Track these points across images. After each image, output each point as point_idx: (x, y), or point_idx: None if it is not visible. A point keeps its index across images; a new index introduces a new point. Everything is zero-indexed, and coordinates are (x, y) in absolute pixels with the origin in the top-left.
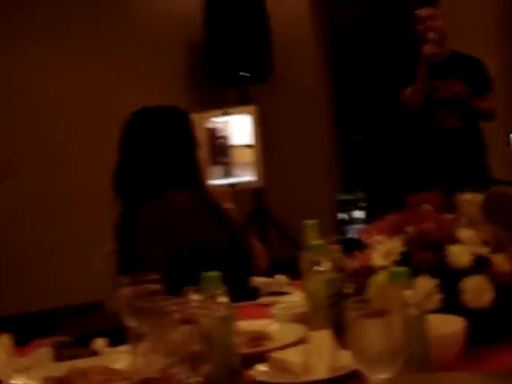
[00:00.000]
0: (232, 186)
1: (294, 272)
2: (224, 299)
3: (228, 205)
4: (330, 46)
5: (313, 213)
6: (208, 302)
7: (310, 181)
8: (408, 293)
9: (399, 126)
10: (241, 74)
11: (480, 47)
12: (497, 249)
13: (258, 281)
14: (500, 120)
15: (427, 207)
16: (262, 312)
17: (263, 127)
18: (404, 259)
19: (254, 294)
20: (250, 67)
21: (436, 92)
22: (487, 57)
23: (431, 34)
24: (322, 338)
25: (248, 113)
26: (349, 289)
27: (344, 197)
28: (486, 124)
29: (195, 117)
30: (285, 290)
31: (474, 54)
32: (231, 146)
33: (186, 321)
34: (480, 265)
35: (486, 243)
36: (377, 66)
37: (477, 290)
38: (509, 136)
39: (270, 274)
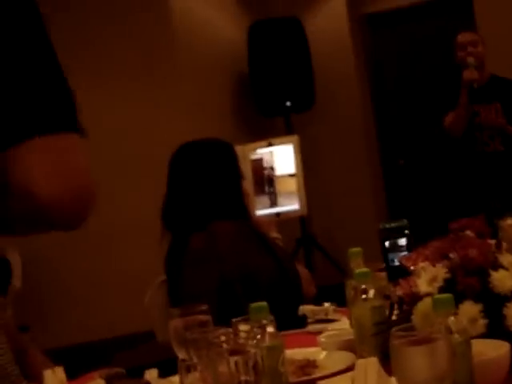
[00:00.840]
0: (277, 215)
1: (341, 298)
2: (272, 329)
3: (274, 234)
4: (372, 72)
5: (357, 239)
6: (256, 332)
7: (354, 208)
8: (452, 319)
9: (442, 151)
10: (286, 103)
11: None
12: None
13: (306, 309)
14: None
15: (470, 233)
16: (310, 340)
17: (307, 156)
18: (448, 286)
19: (302, 322)
20: (293, 97)
21: (477, 117)
22: None
23: (471, 60)
24: (369, 365)
25: (291, 142)
26: (394, 316)
27: (388, 224)
28: None
29: (239, 149)
30: (332, 317)
31: None
32: (275, 176)
33: (235, 352)
34: None
35: None
36: (419, 91)
37: None
38: None
39: (317, 301)
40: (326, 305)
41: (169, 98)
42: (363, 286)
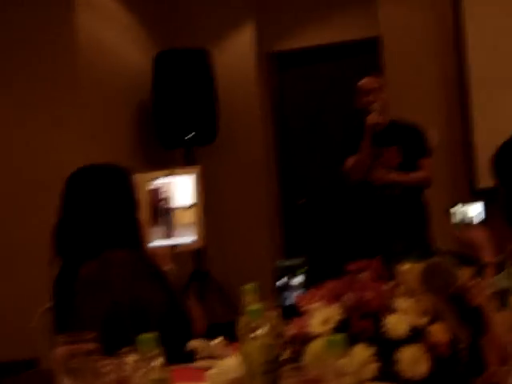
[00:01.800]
0: (173, 247)
1: (232, 335)
2: (159, 361)
3: (168, 266)
4: (277, 110)
5: (253, 276)
6: (143, 363)
7: (251, 244)
8: (344, 361)
9: (342, 192)
10: (187, 135)
11: (423, 117)
12: (434, 319)
13: (196, 344)
14: (442, 190)
15: (366, 275)
16: (198, 376)
17: (207, 188)
18: (342, 327)
19: (191, 357)
20: (196, 128)
21: (377, 160)
22: (430, 127)
23: (375, 105)
24: None
25: (191, 173)
26: (285, 355)
27: (284, 262)
28: (430, 192)
29: (139, 177)
30: (222, 353)
31: (416, 122)
32: (173, 207)
33: (121, 382)
34: (417, 335)
35: (423, 313)
36: (322, 132)
37: (413, 360)
38: (449, 208)
39: (208, 337)
40: (217, 340)
41: (71, 122)
42: (255, 324)
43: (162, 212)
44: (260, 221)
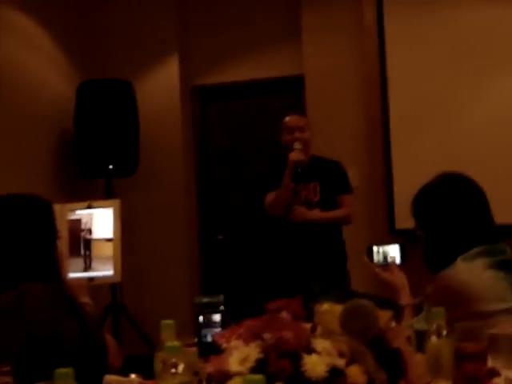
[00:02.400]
0: (90, 279)
1: (148, 371)
2: None
3: (84, 299)
4: (199, 144)
5: (169, 312)
6: None
7: (168, 279)
8: None
9: (261, 228)
10: (108, 166)
11: (345, 156)
12: (352, 360)
13: (110, 379)
14: (361, 228)
15: (285, 315)
16: None
17: (127, 221)
18: (260, 366)
19: None
20: (117, 160)
21: (298, 197)
22: (351, 166)
23: (298, 145)
24: None
25: (111, 206)
26: None
27: (203, 298)
28: (348, 230)
29: (58, 207)
30: None
31: (336, 159)
32: (92, 239)
33: None
34: (335, 376)
35: (341, 354)
36: (244, 167)
37: None
38: (368, 248)
39: (123, 372)
40: (132, 376)
41: None
42: (173, 360)
43: (81, 244)
44: (178, 256)
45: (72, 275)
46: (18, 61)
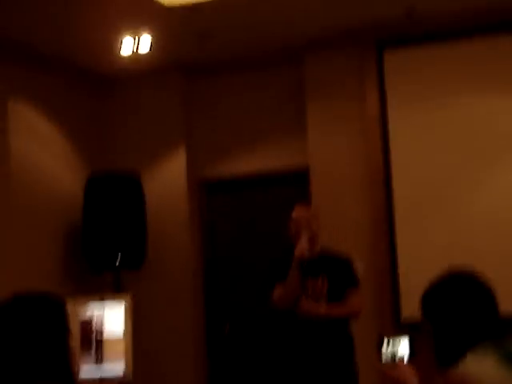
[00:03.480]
0: (101, 380)
1: None
2: None
3: None
4: (206, 237)
5: None
6: None
7: (176, 375)
8: None
9: (269, 321)
10: (116, 260)
11: (350, 247)
12: None
13: None
14: (367, 320)
15: None
16: None
17: (135, 315)
18: None
19: None
20: (124, 253)
21: (306, 290)
22: (356, 257)
23: (304, 236)
24: None
25: (121, 300)
26: None
27: None
28: (357, 325)
29: (70, 303)
30: None
31: (344, 252)
32: (104, 339)
33: None
34: None
35: None
36: (251, 260)
37: None
38: (380, 346)
39: None
40: None
41: (0, 244)
42: None
43: (92, 343)
44: (186, 351)
45: (84, 374)
46: (28, 155)
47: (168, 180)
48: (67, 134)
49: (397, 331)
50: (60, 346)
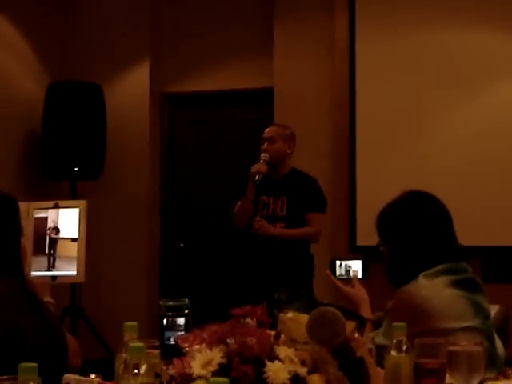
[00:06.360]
0: (53, 278)
1: (105, 373)
2: None
3: (47, 298)
4: (165, 150)
5: (127, 316)
6: None
7: (128, 283)
8: None
9: (225, 237)
10: (74, 168)
11: (311, 170)
12: (314, 369)
13: (69, 378)
14: (323, 243)
15: (250, 321)
16: None
17: (91, 223)
18: (222, 371)
19: None
20: (83, 162)
21: (266, 208)
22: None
23: (263, 155)
24: None
25: (77, 206)
26: None
27: (169, 301)
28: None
29: (24, 205)
30: None
31: (313, 174)
32: (57, 239)
33: None
34: (296, 383)
35: (303, 363)
36: (209, 175)
37: None
38: (331, 262)
39: (80, 373)
40: (92, 376)
41: None
42: (135, 361)
43: (46, 242)
44: (138, 260)
45: (35, 273)
46: None
47: (130, 91)
48: (31, 39)
49: (351, 255)
50: (10, 242)
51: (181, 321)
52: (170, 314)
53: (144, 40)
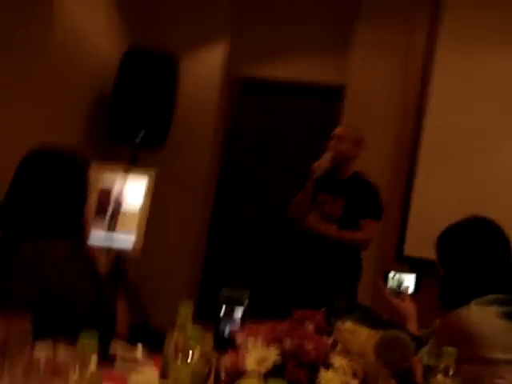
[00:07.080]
0: (109, 249)
1: (141, 339)
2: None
3: (103, 267)
4: (230, 132)
5: (170, 289)
6: (80, 360)
7: (174, 257)
8: None
9: (276, 227)
10: (138, 135)
11: (368, 172)
12: (364, 383)
13: (118, 346)
14: (368, 249)
15: (309, 325)
16: (120, 379)
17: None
18: (276, 370)
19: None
20: (147, 130)
21: (323, 206)
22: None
23: (327, 153)
24: None
25: (146, 174)
26: None
27: (228, 291)
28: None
29: (93, 168)
30: (141, 363)
31: (370, 175)
32: (120, 211)
33: (55, 373)
34: None
35: (355, 375)
36: (269, 164)
37: None
38: (384, 273)
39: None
40: (139, 346)
41: (27, 104)
42: (188, 344)
43: (108, 211)
44: (186, 238)
45: (94, 241)
46: (73, 18)
47: (205, 68)
48: (112, 3)
49: (405, 268)
50: (77, 202)
51: (238, 312)
52: (230, 303)
53: (225, 21)
